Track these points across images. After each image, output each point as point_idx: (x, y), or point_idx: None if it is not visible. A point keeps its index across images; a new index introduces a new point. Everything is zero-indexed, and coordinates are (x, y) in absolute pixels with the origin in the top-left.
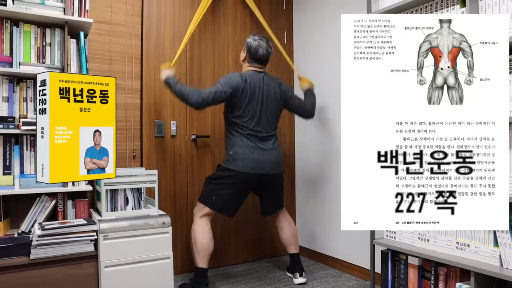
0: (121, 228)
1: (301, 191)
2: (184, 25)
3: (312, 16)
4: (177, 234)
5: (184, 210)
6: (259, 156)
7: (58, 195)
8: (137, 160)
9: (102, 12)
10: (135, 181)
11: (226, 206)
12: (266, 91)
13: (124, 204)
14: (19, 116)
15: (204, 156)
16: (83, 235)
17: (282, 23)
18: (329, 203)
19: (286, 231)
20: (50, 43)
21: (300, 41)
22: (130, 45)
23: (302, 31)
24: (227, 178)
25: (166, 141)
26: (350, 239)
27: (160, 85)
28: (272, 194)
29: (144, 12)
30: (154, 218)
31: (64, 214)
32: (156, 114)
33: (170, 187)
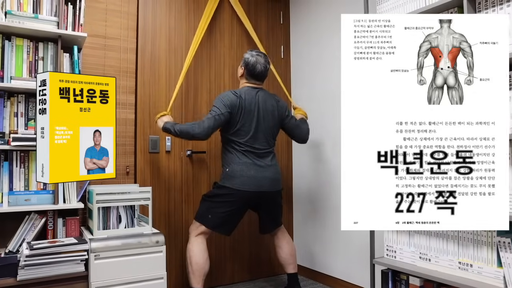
0: (113, 247)
1: (299, 208)
2: (180, 38)
3: (309, 30)
4: (172, 253)
5: (179, 228)
6: (256, 173)
7: (48, 213)
8: (131, 176)
9: (97, 26)
10: (128, 198)
11: (223, 225)
12: (262, 107)
13: (117, 222)
14: (9, 131)
15: (199, 172)
16: (73, 254)
17: (279, 37)
18: (328, 220)
19: (285, 250)
20: (43, 57)
21: (298, 55)
22: (124, 59)
23: (299, 45)
24: (224, 196)
25: (160, 157)
26: (349, 258)
27: (154, 100)
28: (270, 211)
29: (139, 26)
30: (147, 236)
31: (54, 232)
32: (151, 129)
33: (164, 205)
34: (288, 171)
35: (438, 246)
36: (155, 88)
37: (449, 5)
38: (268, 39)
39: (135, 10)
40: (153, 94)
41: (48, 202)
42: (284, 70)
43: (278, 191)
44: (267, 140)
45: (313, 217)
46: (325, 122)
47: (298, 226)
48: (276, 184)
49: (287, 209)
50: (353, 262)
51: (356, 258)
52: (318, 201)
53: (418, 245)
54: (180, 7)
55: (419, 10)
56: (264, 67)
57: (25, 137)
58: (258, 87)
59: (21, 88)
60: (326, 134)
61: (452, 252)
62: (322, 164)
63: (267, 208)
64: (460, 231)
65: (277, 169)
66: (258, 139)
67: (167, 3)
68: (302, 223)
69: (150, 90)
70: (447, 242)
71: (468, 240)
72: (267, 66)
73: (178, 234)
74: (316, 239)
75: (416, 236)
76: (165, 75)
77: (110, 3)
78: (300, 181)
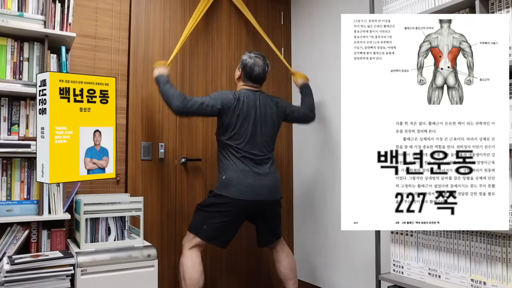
0: (101, 262)
1: (300, 219)
2: (174, 40)
3: (311, 31)
4: (164, 268)
5: (172, 240)
6: (254, 181)
7: (32, 225)
8: (121, 185)
9: (86, 25)
10: (118, 209)
11: (219, 236)
12: (262, 112)
13: (106, 234)
14: None
15: (194, 181)
16: (58, 270)
17: (279, 38)
18: (330, 232)
19: (284, 264)
20: (28, 58)
21: (298, 56)
22: (116, 61)
23: (300, 46)
24: (220, 206)
25: (153, 164)
26: (353, 272)
27: (147, 104)
28: (269, 222)
29: (131, 26)
30: (138, 250)
31: (38, 246)
32: (143, 135)
33: (157, 216)
34: (288, 176)
35: (448, 262)
36: (148, 91)
37: (460, 5)
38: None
39: (127, 9)
40: (145, 98)
41: (32, 212)
42: (285, 72)
43: (278, 200)
44: (266, 146)
45: (314, 227)
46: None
47: (299, 238)
48: (275, 193)
49: (286, 218)
50: (357, 278)
51: (360, 273)
52: (320, 210)
53: (427, 260)
54: (175, 7)
55: (429, 10)
56: (263, 70)
57: (7, 143)
58: (257, 90)
59: (4, 91)
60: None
61: (464, 268)
62: (326, 168)
63: (266, 218)
64: (473, 246)
65: (277, 177)
66: (256, 144)
67: (161, 2)
68: (303, 234)
69: (143, 93)
70: (458, 257)
71: (481, 255)
72: (266, 69)
73: (171, 247)
74: (318, 252)
75: (424, 251)
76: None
77: (101, 2)
78: (302, 187)
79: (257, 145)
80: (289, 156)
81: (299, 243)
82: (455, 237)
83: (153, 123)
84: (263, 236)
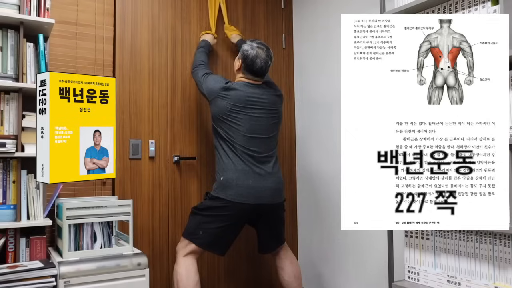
0: (86, 272)
1: (305, 222)
2: (165, 28)
3: (315, 15)
4: (156, 277)
5: (165, 247)
6: (255, 183)
7: (9, 232)
8: (108, 187)
9: (66, 11)
10: (105, 214)
11: (216, 243)
12: (263, 105)
13: (91, 241)
14: None
15: (189, 182)
16: (39, 281)
17: (280, 25)
18: (337, 237)
19: (288, 271)
20: (2, 47)
21: (301, 44)
22: (100, 50)
23: (303, 33)
24: (217, 209)
25: (143, 164)
26: (363, 280)
27: (135, 98)
28: (271, 227)
29: (117, 12)
30: (127, 258)
31: (16, 255)
32: (131, 132)
33: (147, 220)
34: (291, 175)
35: (469, 268)
36: (136, 84)
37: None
38: (267, 27)
39: None
40: (133, 91)
41: (9, 218)
42: (286, 62)
43: (280, 203)
44: (268, 143)
45: (321, 231)
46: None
47: (304, 243)
48: (278, 196)
49: (290, 221)
50: (368, 286)
51: (372, 281)
52: (327, 211)
53: (446, 266)
54: None
55: None
56: (265, 63)
57: None
58: (258, 84)
59: None
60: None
61: (487, 275)
62: (331, 166)
63: (268, 223)
64: (497, 250)
65: (280, 178)
66: (257, 141)
67: None
68: (308, 238)
69: (130, 86)
70: (480, 263)
71: (505, 260)
72: (269, 62)
73: (163, 254)
74: (324, 258)
75: (442, 256)
76: (148, 69)
77: None
78: (306, 188)
79: (258, 142)
80: (292, 152)
81: (304, 248)
82: (476, 240)
83: (142, 118)
84: (264, 242)
